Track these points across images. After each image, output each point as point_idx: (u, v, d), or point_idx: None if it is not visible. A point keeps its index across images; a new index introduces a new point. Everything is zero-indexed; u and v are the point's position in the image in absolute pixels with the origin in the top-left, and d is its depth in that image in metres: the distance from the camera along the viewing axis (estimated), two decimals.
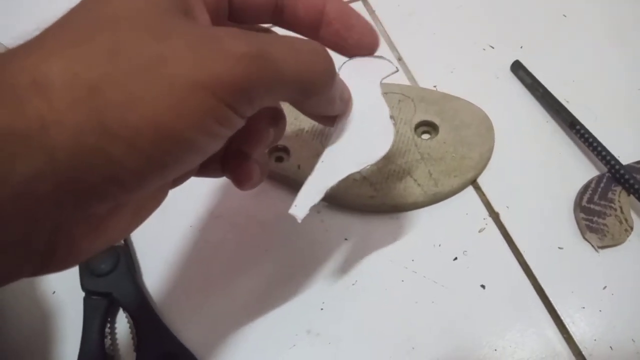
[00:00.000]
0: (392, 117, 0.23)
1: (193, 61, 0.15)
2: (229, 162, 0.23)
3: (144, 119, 0.14)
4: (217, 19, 0.20)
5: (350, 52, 0.23)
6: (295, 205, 0.22)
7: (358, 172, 0.23)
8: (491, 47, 0.42)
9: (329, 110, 0.22)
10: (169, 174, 0.16)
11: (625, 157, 0.34)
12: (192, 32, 0.16)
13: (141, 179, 0.15)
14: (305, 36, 0.22)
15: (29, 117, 0.13)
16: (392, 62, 0.24)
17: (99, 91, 0.14)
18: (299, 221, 0.22)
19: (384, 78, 0.24)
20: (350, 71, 0.23)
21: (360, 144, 0.23)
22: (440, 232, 0.33)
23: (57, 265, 0.17)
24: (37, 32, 0.16)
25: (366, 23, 0.23)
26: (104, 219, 0.17)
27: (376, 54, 0.24)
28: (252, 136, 0.23)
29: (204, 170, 0.24)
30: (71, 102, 0.14)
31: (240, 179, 0.23)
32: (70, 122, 0.14)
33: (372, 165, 0.22)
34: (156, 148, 0.15)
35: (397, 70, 0.24)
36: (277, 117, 0.24)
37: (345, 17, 0.22)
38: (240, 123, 0.17)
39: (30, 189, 0.14)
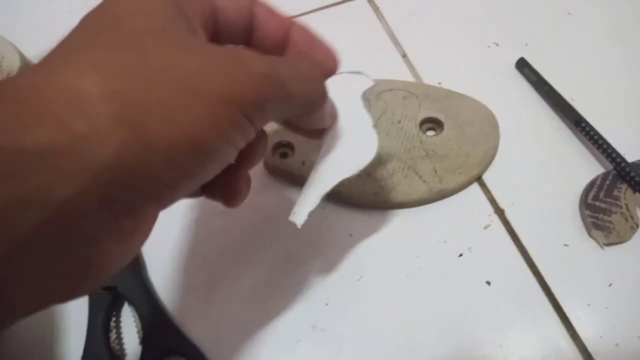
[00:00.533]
0: (375, 126, 0.24)
1: (224, 78, 0.16)
2: (215, 183, 0.24)
3: (183, 133, 0.15)
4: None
5: None
6: (294, 213, 0.24)
7: (358, 174, 0.24)
8: (496, 44, 0.42)
9: (320, 124, 0.24)
10: (195, 186, 0.17)
11: (631, 154, 0.34)
12: (215, 50, 0.17)
13: (174, 192, 0.16)
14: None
15: (71, 134, 0.13)
16: (369, 77, 0.26)
17: (139, 107, 0.14)
18: (299, 227, 0.23)
19: (364, 91, 0.25)
20: (334, 87, 0.24)
21: (347, 153, 0.24)
22: (445, 228, 0.33)
23: (88, 284, 0.17)
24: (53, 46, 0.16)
25: (327, 46, 0.24)
26: (132, 232, 0.17)
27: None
28: (252, 151, 0.24)
29: None
30: (112, 119, 0.14)
31: (231, 197, 0.24)
32: (113, 139, 0.14)
33: (361, 171, 0.24)
34: (191, 161, 0.16)
35: (375, 85, 0.26)
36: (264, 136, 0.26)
37: (308, 40, 0.23)
38: (253, 135, 0.18)
39: (72, 206, 0.13)
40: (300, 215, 0.24)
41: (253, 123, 0.17)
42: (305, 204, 0.24)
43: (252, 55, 0.17)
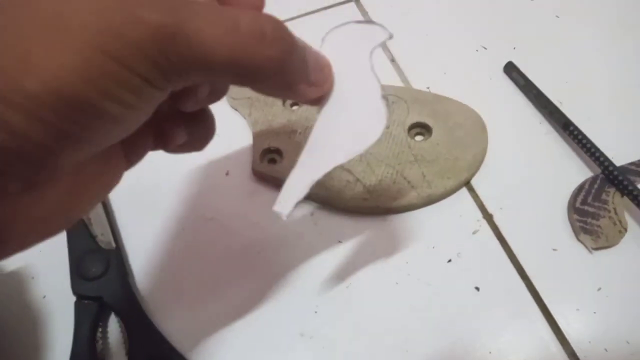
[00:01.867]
0: (384, 96, 0.20)
1: (97, 23, 0.13)
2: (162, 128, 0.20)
3: (42, 83, 0.13)
4: None
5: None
6: (280, 202, 0.21)
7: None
8: (484, 48, 0.42)
9: (291, 97, 0.20)
10: (85, 147, 0.15)
11: (619, 158, 0.34)
12: None
13: (50, 153, 0.14)
14: None
15: None
16: (384, 28, 0.21)
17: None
18: (284, 219, 0.20)
19: (375, 47, 0.21)
20: (336, 42, 0.21)
21: (347, 129, 0.20)
22: (434, 234, 0.33)
23: None
24: None
25: None
26: (25, 202, 0.15)
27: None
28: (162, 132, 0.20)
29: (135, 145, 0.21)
30: None
31: (157, 140, 0.21)
32: None
33: (362, 153, 0.20)
34: (61, 117, 0.13)
35: (392, 37, 0.21)
36: (196, 119, 0.21)
37: None
38: (158, 95, 0.16)
39: None
40: (286, 204, 0.20)
41: (149, 81, 0.15)
42: (293, 191, 0.20)
43: (153, 1, 0.14)
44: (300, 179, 0.21)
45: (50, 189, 0.16)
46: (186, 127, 0.20)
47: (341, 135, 0.21)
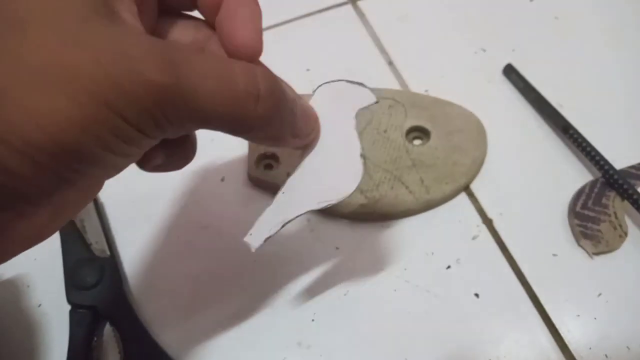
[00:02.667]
0: (362, 155, 0.22)
1: (100, 75, 0.14)
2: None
3: (44, 133, 0.13)
4: (145, 9, 0.19)
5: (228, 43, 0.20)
6: (251, 234, 0.22)
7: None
8: (483, 50, 0.42)
9: (277, 145, 0.21)
10: (78, 187, 0.16)
11: (619, 161, 0.34)
12: (112, 41, 0.14)
13: (46, 193, 0.15)
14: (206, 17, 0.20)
15: None
16: (372, 92, 0.22)
17: (4, 101, 0.13)
18: (253, 250, 0.22)
19: (361, 109, 0.22)
20: (326, 96, 0.22)
21: (324, 180, 0.22)
22: (432, 240, 0.32)
23: None
24: None
25: (256, 22, 0.19)
26: (11, 222, 0.16)
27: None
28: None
29: None
30: None
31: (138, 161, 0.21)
32: None
33: (333, 204, 0.22)
34: (59, 163, 0.14)
35: (377, 102, 0.23)
36: (176, 142, 0.21)
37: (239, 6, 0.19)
38: (152, 142, 0.16)
39: None
40: (256, 238, 0.22)
41: (143, 131, 0.15)
42: (265, 227, 0.22)
43: (152, 54, 0.15)
44: (274, 217, 0.22)
45: (38, 211, 0.16)
46: (164, 150, 0.20)
47: (318, 184, 0.22)
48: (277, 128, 0.19)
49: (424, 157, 0.34)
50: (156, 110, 0.15)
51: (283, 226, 0.22)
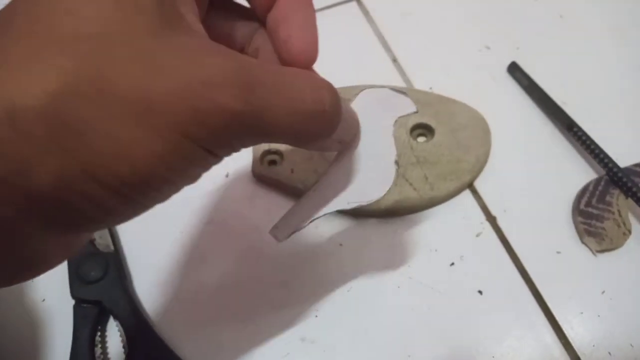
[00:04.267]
0: (396, 162, 0.22)
1: (181, 108, 0.14)
2: None
3: (131, 168, 0.14)
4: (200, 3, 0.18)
5: (282, 48, 0.20)
6: (277, 227, 0.22)
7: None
8: (487, 48, 0.41)
9: (320, 150, 0.22)
10: (145, 210, 0.16)
11: (623, 159, 0.34)
12: (182, 63, 0.14)
13: (121, 217, 0.16)
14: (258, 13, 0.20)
15: (5, 159, 0.13)
16: (413, 103, 0.23)
17: (84, 132, 0.13)
18: (278, 242, 0.22)
19: (400, 117, 0.23)
20: (367, 101, 0.22)
21: (356, 182, 0.22)
22: (436, 236, 0.32)
23: (22, 279, 0.17)
24: None
25: (312, 32, 0.20)
26: (74, 242, 0.17)
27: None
28: None
29: None
30: (50, 141, 0.13)
31: None
32: (54, 166, 0.13)
33: (363, 206, 0.22)
34: (139, 193, 0.15)
35: (417, 112, 0.23)
36: None
37: (295, 11, 0.19)
38: (217, 162, 0.17)
39: (10, 226, 0.13)
40: (283, 231, 0.22)
41: (216, 155, 0.16)
42: (292, 221, 0.22)
43: (227, 81, 0.14)
44: (303, 212, 0.22)
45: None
46: None
47: (350, 185, 0.22)
48: (330, 139, 0.19)
49: (428, 154, 0.34)
50: (230, 135, 0.15)
51: (311, 222, 0.22)
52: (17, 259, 0.15)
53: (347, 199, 0.22)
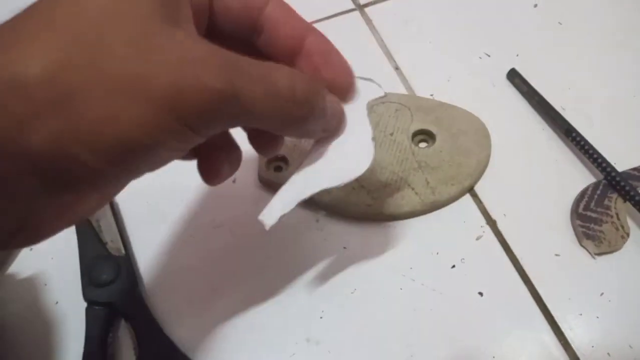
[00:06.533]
0: (374, 138, 0.23)
1: (170, 87, 0.15)
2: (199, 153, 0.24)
3: (119, 136, 0.15)
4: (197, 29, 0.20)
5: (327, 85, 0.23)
6: (265, 213, 0.23)
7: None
8: (487, 55, 0.42)
9: (304, 137, 0.23)
10: (133, 177, 0.18)
11: (621, 163, 0.35)
12: (177, 50, 0.16)
13: (111, 181, 0.17)
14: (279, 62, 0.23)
15: (6, 118, 0.14)
16: (380, 87, 0.24)
17: (78, 100, 0.15)
18: (267, 228, 0.22)
19: (371, 100, 0.24)
20: None
21: (338, 161, 0.23)
22: (438, 240, 0.33)
23: (21, 242, 0.18)
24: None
25: (345, 62, 0.23)
26: (72, 204, 0.18)
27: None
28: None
29: None
30: (49, 105, 0.14)
31: (208, 176, 0.24)
32: (49, 128, 0.15)
33: (346, 183, 0.23)
34: (126, 160, 0.16)
35: (385, 96, 0.24)
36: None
37: (326, 54, 0.22)
38: (199, 140, 0.18)
39: (11, 184, 0.15)
40: (271, 215, 0.23)
41: (198, 133, 0.17)
42: (279, 205, 0.23)
43: (212, 64, 0.16)
44: (289, 195, 0.23)
45: (93, 196, 0.19)
46: (227, 161, 0.24)
47: (332, 165, 0.23)
48: (311, 126, 0.21)
49: (429, 159, 0.35)
50: (212, 113, 0.17)
51: (296, 204, 0.23)
52: (15, 217, 0.16)
53: (331, 177, 0.23)
